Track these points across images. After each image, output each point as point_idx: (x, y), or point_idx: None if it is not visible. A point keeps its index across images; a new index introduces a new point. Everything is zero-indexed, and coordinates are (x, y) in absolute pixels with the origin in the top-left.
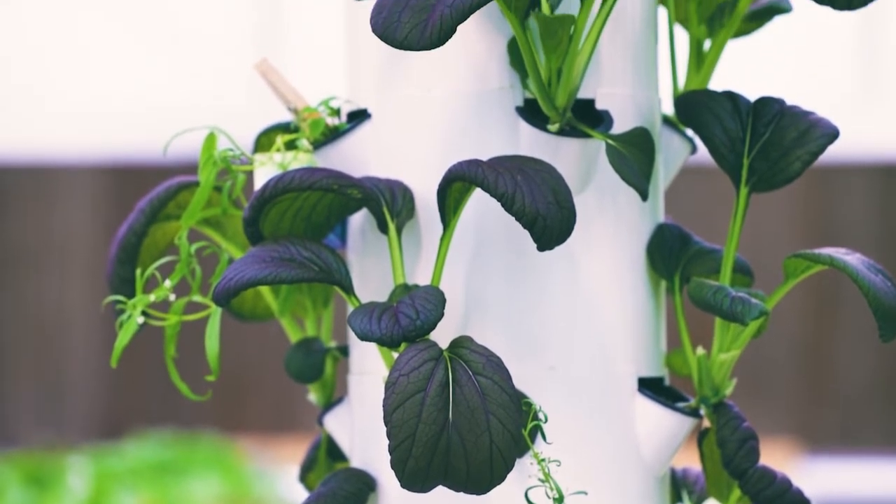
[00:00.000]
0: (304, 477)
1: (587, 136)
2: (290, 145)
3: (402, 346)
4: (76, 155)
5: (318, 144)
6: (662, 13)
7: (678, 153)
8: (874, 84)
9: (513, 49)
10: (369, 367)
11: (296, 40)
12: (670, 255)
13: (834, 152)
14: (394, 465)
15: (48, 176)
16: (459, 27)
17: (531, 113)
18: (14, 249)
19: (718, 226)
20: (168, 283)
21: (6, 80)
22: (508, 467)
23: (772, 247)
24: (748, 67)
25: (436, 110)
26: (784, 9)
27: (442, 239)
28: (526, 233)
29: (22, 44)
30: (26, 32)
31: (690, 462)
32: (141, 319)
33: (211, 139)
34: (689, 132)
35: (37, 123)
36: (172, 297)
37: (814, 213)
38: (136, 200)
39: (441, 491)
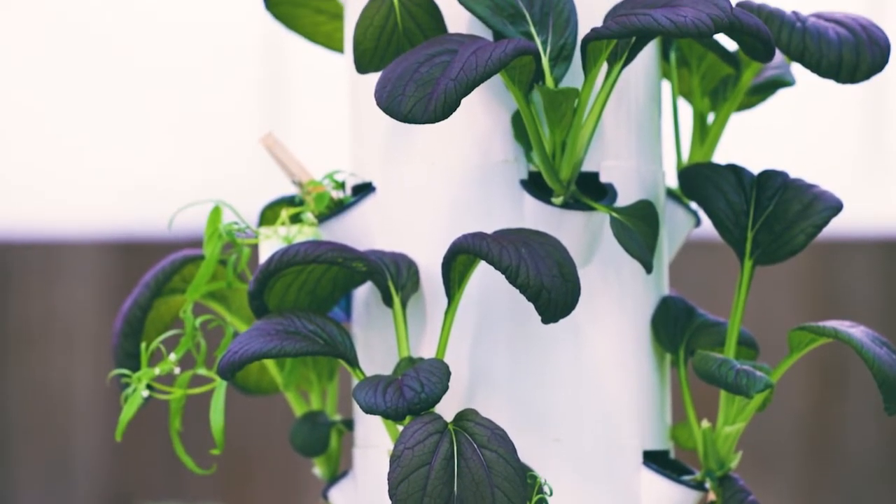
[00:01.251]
0: None
1: (591, 208)
2: (295, 219)
3: (407, 419)
4: (80, 231)
5: (322, 218)
6: (666, 86)
7: (682, 226)
8: (879, 158)
9: (517, 122)
10: (374, 440)
11: (300, 114)
12: (675, 327)
13: (838, 226)
14: None
15: (52, 252)
16: (464, 100)
17: (535, 186)
18: (18, 326)
19: (722, 299)
20: (173, 357)
21: (9, 155)
22: None
23: (776, 320)
24: (752, 140)
25: (440, 183)
26: (787, 82)
27: (447, 312)
28: (530, 305)
29: (25, 118)
30: (29, 106)
31: None
32: (146, 393)
33: (216, 213)
34: (693, 205)
35: (40, 199)
36: (177, 370)
37: (818, 286)
38: (142, 276)
39: None
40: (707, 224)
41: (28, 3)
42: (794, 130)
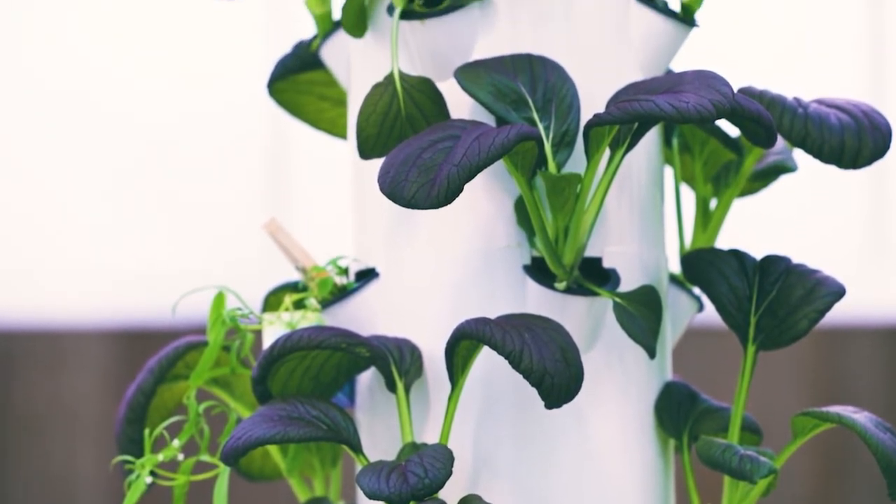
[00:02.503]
0: None
1: (594, 294)
2: (299, 304)
3: None
4: (83, 319)
5: (326, 303)
6: (668, 172)
7: (685, 311)
8: (882, 244)
9: (520, 207)
10: None
11: (304, 200)
12: (678, 413)
13: (841, 311)
14: None
15: (56, 340)
16: (467, 186)
17: (538, 271)
18: (21, 414)
19: (724, 385)
20: (176, 443)
21: (12, 242)
22: None
23: (779, 405)
24: (754, 225)
25: (443, 268)
26: (790, 168)
27: (450, 397)
28: (533, 390)
29: (27, 205)
30: (32, 193)
31: None
32: (149, 479)
33: (219, 299)
34: (696, 290)
35: (43, 287)
36: (181, 456)
37: (821, 371)
38: (145, 363)
39: None
40: (709, 310)
41: (30, 91)
42: (797, 216)
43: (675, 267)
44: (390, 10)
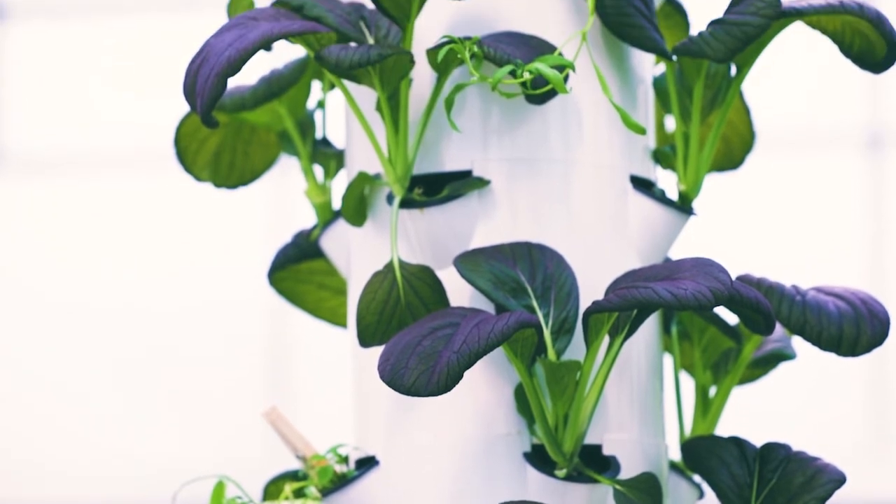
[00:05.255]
0: None
1: (595, 481)
2: (299, 493)
3: None
4: None
5: (326, 492)
6: (668, 359)
7: (686, 499)
8: (882, 431)
9: (519, 395)
10: None
11: (304, 388)
12: None
13: (841, 498)
14: None
15: None
16: (466, 373)
17: (539, 459)
18: None
19: None
20: None
21: (15, 436)
22: None
23: None
24: (754, 412)
25: (444, 457)
26: (788, 356)
27: None
28: None
29: (32, 402)
30: (36, 390)
31: None
32: None
33: (220, 488)
34: (697, 478)
35: (45, 481)
36: None
37: None
38: None
39: None
40: (710, 497)
41: (32, 294)
42: (796, 402)
43: (676, 454)
44: (390, 199)
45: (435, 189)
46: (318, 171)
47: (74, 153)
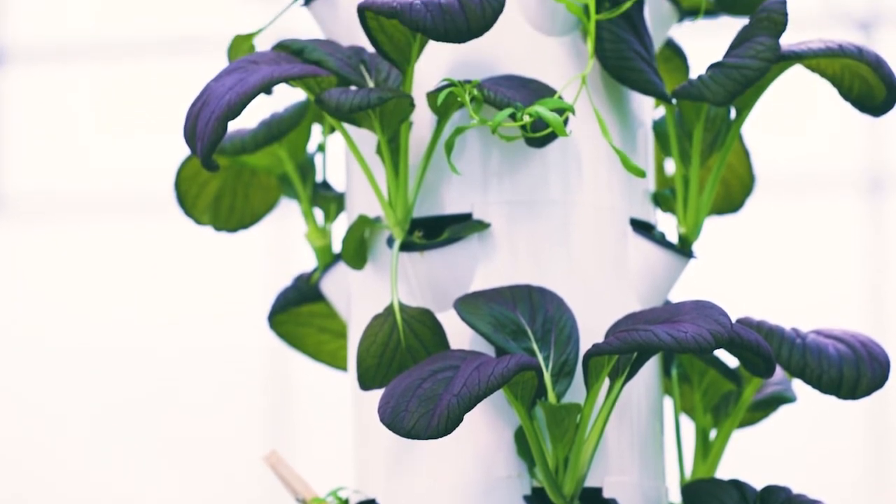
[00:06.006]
0: None
1: None
2: None
3: None
4: None
5: None
6: (668, 402)
7: None
8: (882, 474)
9: (520, 437)
10: None
11: (305, 432)
12: None
13: None
14: None
15: None
16: (466, 416)
17: (539, 502)
18: None
19: None
20: None
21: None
22: None
23: None
24: (755, 454)
25: (444, 500)
26: (789, 398)
27: None
28: None
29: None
30: (37, 435)
31: None
32: None
33: None
34: None
35: None
36: None
37: None
38: None
39: None
40: None
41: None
42: (797, 445)
43: (676, 497)
44: (390, 242)
45: (435, 232)
46: (319, 214)
47: (73, 197)
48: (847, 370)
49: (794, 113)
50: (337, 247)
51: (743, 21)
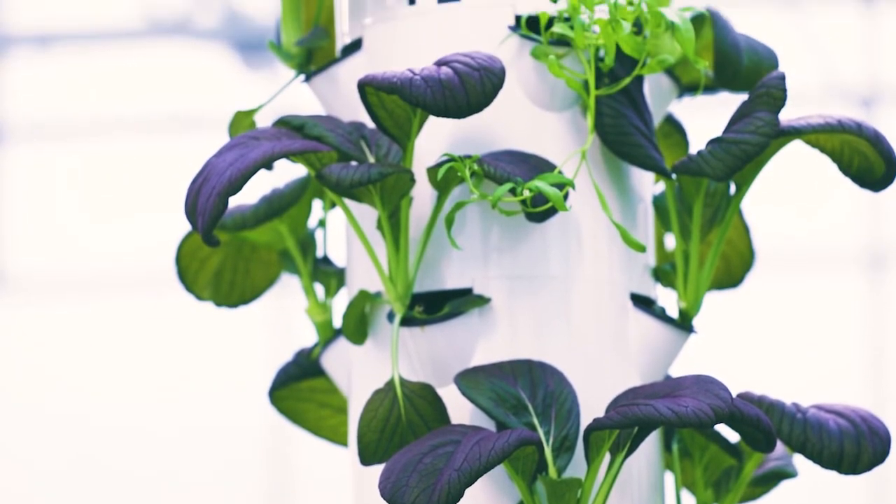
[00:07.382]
0: None
1: None
2: None
3: None
4: None
5: None
6: (669, 477)
7: None
8: None
9: None
10: None
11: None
12: None
13: None
14: None
15: None
16: (468, 490)
17: None
18: None
19: None
20: None
21: None
22: None
23: None
24: None
25: None
26: (790, 474)
27: None
28: None
29: None
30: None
31: None
32: None
33: None
34: None
35: None
36: None
37: None
38: None
39: None
40: None
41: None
42: None
43: None
44: (390, 317)
45: (436, 307)
46: (319, 289)
47: (73, 274)
48: (848, 445)
49: (796, 189)
50: (338, 322)
51: (742, 97)
